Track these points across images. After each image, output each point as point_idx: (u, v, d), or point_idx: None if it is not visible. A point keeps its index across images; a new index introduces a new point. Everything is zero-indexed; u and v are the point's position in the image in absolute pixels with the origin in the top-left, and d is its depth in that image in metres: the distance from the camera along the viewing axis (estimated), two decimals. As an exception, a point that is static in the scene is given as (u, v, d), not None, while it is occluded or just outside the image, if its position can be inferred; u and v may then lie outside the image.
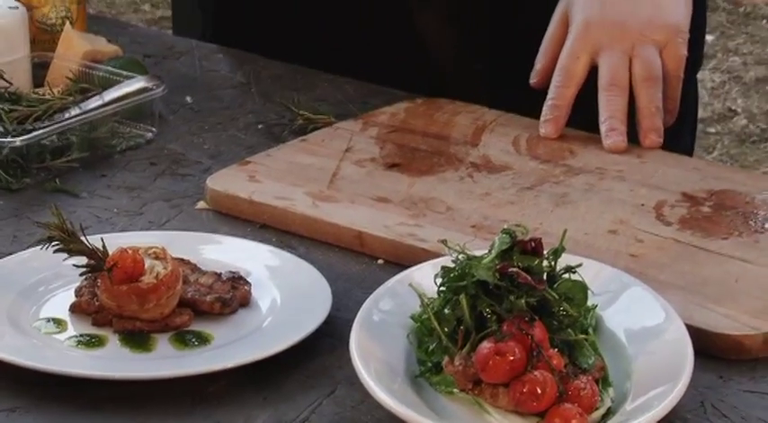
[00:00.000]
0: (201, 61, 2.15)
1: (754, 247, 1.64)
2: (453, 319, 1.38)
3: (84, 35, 2.01)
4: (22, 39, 1.96)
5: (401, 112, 1.94)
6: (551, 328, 1.35)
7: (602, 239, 1.66)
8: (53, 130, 1.84)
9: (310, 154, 1.84)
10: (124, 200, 1.78)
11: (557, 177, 1.80)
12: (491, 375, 1.30)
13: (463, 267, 1.39)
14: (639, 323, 1.44)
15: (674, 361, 1.36)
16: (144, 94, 1.91)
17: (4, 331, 1.47)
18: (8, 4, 1.96)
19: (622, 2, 1.89)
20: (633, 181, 1.79)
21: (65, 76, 1.94)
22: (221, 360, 1.43)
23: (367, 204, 1.73)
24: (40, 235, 1.56)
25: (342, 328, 1.44)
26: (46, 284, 1.57)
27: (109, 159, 1.87)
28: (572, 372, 1.32)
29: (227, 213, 1.75)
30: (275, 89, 2.04)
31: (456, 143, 1.88)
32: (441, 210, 1.72)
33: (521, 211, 1.72)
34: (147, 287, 1.47)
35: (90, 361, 1.46)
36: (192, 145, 1.91)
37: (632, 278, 1.50)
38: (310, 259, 1.61)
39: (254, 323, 1.51)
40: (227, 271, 1.57)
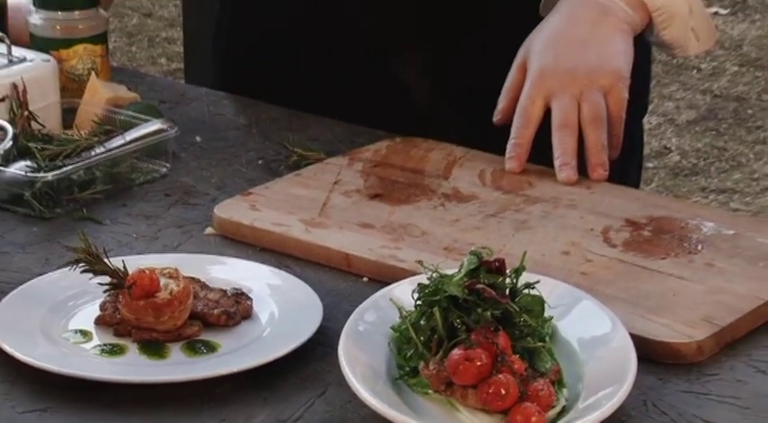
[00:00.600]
0: (209, 106, 2.15)
1: (688, 266, 1.64)
2: (428, 329, 1.38)
3: (108, 84, 2.00)
4: (54, 87, 1.96)
5: (383, 150, 1.94)
6: (513, 336, 1.36)
7: (556, 260, 1.66)
8: (80, 166, 1.83)
9: (303, 186, 1.84)
10: (142, 226, 1.78)
11: (517, 206, 1.80)
12: (461, 378, 1.30)
13: (436, 284, 1.39)
14: (589, 332, 1.44)
15: (619, 365, 1.37)
16: (159, 134, 1.91)
17: (38, 341, 1.47)
18: (41, 57, 1.95)
19: (572, 53, 1.89)
20: (583, 209, 1.79)
21: (90, 119, 1.93)
22: (226, 366, 1.43)
23: (353, 230, 1.73)
24: (68, 258, 1.55)
25: (332, 337, 1.44)
26: (74, 300, 1.56)
27: (129, 191, 1.87)
28: (531, 375, 1.32)
29: (231, 238, 1.75)
30: (273, 130, 2.04)
31: (430, 176, 1.88)
32: (417, 234, 1.72)
33: (486, 235, 1.72)
34: (162, 302, 1.47)
35: (112, 367, 1.46)
36: (201, 178, 1.91)
37: (583, 293, 1.50)
38: (304, 277, 1.61)
39: (255, 333, 1.51)
40: (231, 288, 1.56)
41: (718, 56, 6.21)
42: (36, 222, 1.78)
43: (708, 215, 1.80)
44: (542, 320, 1.41)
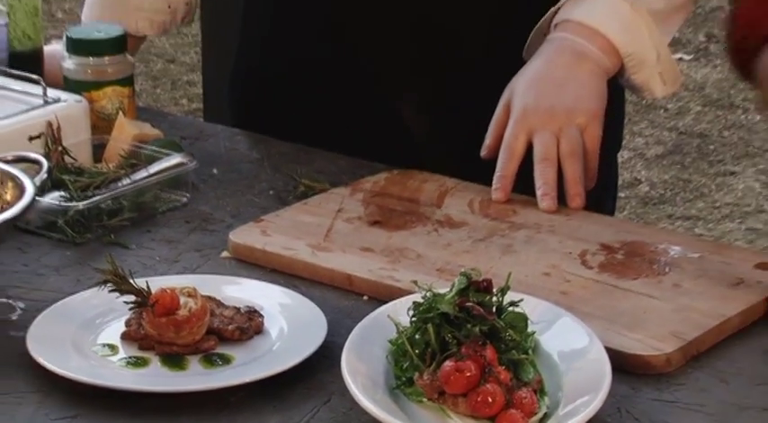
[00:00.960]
0: (225, 142, 2.15)
1: (657, 286, 1.64)
2: (422, 343, 1.38)
3: (134, 122, 2.00)
4: (85, 125, 1.96)
5: (381, 181, 1.94)
6: (499, 349, 1.35)
7: (538, 280, 1.65)
8: (108, 196, 1.83)
9: (310, 214, 1.84)
10: (164, 250, 1.78)
11: (503, 231, 1.80)
12: (453, 387, 1.31)
13: (430, 302, 1.40)
14: (568, 346, 1.44)
15: (595, 376, 1.36)
16: (180, 167, 1.91)
17: (70, 355, 1.46)
18: (74, 98, 1.95)
19: (551, 93, 1.88)
20: (562, 234, 1.79)
21: (118, 153, 1.93)
22: (240, 377, 1.42)
23: (355, 253, 1.72)
24: (98, 279, 1.54)
25: (335, 350, 1.42)
26: (102, 317, 1.55)
27: (152, 219, 1.87)
28: (516, 384, 1.32)
29: (245, 261, 1.74)
30: (283, 163, 2.04)
31: (424, 205, 1.88)
32: (412, 257, 1.71)
33: (475, 258, 1.71)
34: (181, 319, 1.47)
35: (136, 378, 1.45)
36: (217, 207, 1.90)
37: (562, 310, 1.50)
38: (310, 296, 1.60)
39: (266, 347, 1.50)
40: (244, 306, 1.55)
41: (682, 97, 6.23)
42: (68, 247, 1.77)
43: (675, 240, 1.82)
44: (526, 335, 1.41)
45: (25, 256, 1.73)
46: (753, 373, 1.48)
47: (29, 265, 1.72)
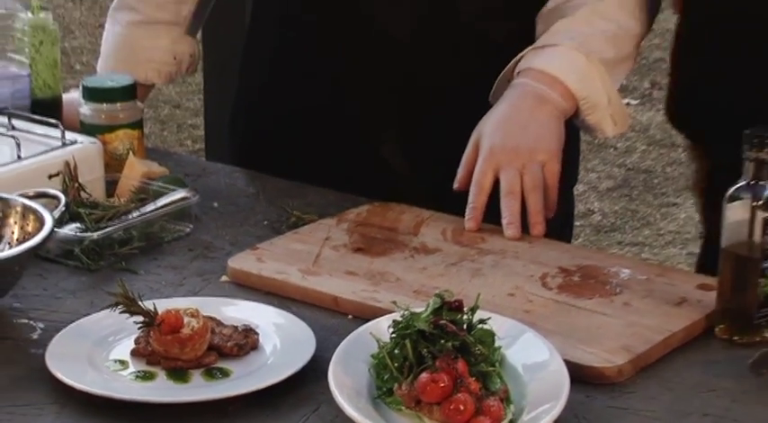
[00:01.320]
0: (225, 178, 2.15)
1: (610, 305, 1.64)
2: (401, 357, 1.38)
3: (143, 161, 2.00)
4: (99, 164, 1.96)
5: (364, 213, 1.94)
6: (470, 362, 1.35)
7: (504, 300, 1.65)
8: (120, 227, 1.83)
9: (301, 242, 1.84)
10: (170, 275, 1.77)
11: (473, 257, 1.80)
12: (428, 397, 1.31)
13: (408, 320, 1.40)
14: (531, 359, 1.44)
15: (555, 385, 1.37)
16: (184, 201, 1.91)
17: (85, 370, 1.46)
18: (89, 140, 1.96)
19: (516, 134, 1.88)
20: (525, 259, 1.79)
21: (129, 189, 1.93)
22: (237, 388, 1.42)
23: (340, 277, 1.72)
24: (110, 301, 1.54)
25: (323, 364, 1.42)
26: (114, 336, 1.55)
27: (159, 247, 1.86)
28: (485, 394, 1.33)
29: (242, 284, 1.74)
30: (276, 197, 2.04)
31: (402, 234, 1.87)
32: (392, 280, 1.71)
33: (448, 280, 1.70)
34: (185, 337, 1.46)
35: (145, 390, 1.45)
36: (217, 236, 1.90)
37: (526, 327, 1.50)
38: (301, 316, 1.60)
39: (261, 361, 1.50)
40: (242, 325, 1.55)
41: (630, 137, 6.29)
42: (84, 273, 1.76)
43: (624, 264, 1.80)
44: (493, 349, 1.41)
45: (45, 282, 1.72)
46: (694, 383, 1.48)
47: (48, 289, 1.71)
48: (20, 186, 1.78)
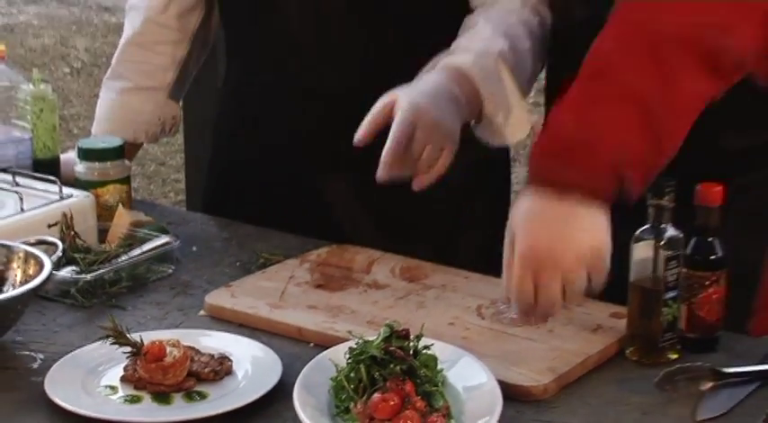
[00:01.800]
0: (202, 226, 2.16)
1: (536, 331, 1.64)
2: (356, 379, 1.38)
3: (131, 211, 1.99)
4: (92, 215, 1.96)
5: (324, 254, 1.93)
6: (416, 384, 1.37)
7: (445, 329, 1.64)
8: (110, 269, 1.81)
9: (268, 280, 1.83)
10: (154, 311, 1.76)
11: (417, 291, 1.79)
12: (380, 414, 1.32)
13: (362, 347, 1.41)
14: (469, 380, 1.44)
15: (490, 402, 1.38)
16: (166, 246, 1.90)
17: (79, 394, 1.45)
18: (83, 194, 1.95)
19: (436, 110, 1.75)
20: (463, 292, 1.79)
21: (118, 236, 1.92)
22: (214, 409, 1.42)
23: (303, 310, 1.71)
24: (101, 334, 1.53)
25: (289, 387, 1.42)
26: (104, 364, 1.54)
27: (145, 286, 1.84)
28: (429, 411, 1.34)
29: (217, 318, 1.72)
30: (247, 242, 2.04)
31: (357, 272, 1.87)
32: (348, 312, 1.71)
33: (396, 312, 1.70)
34: (168, 364, 1.46)
35: (133, 412, 1.44)
36: (196, 276, 1.89)
37: (464, 352, 1.50)
38: (269, 344, 1.59)
39: (234, 385, 1.50)
40: (217, 353, 1.55)
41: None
42: (78, 309, 1.74)
43: None
44: (436, 372, 1.41)
45: (44, 318, 1.71)
46: (609, 398, 1.49)
47: (46, 324, 1.69)
48: (22, 235, 1.78)
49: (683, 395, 1.47)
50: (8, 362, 1.57)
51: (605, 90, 1.40)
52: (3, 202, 1.92)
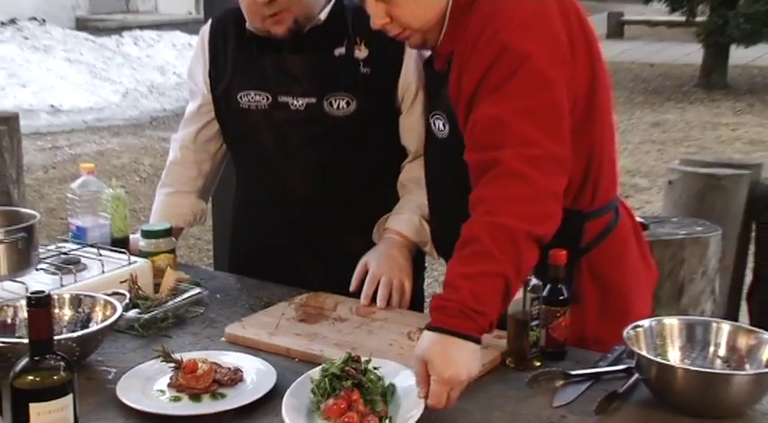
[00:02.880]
0: (223, 280, 2.12)
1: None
2: (324, 388, 1.39)
3: (175, 272, 1.98)
4: (149, 275, 1.94)
5: (304, 298, 1.91)
6: (363, 393, 1.37)
7: (387, 348, 1.64)
8: (161, 311, 1.81)
9: (267, 316, 1.81)
10: (190, 338, 1.75)
11: (367, 323, 1.77)
12: (330, 414, 1.34)
13: (329, 368, 1.41)
14: (404, 383, 1.43)
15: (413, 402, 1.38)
16: (199, 294, 1.90)
17: (139, 396, 1.45)
18: (144, 261, 1.95)
19: (386, 264, 1.91)
20: (398, 323, 1.77)
21: (167, 288, 1.91)
22: (230, 404, 1.43)
23: (291, 336, 1.70)
24: (155, 355, 1.55)
25: (281, 391, 1.43)
26: (157, 375, 1.53)
27: (184, 322, 1.82)
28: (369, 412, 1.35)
29: (233, 342, 1.71)
30: (253, 290, 2.02)
31: (327, 310, 1.85)
32: (321, 337, 1.69)
33: (354, 337, 1.69)
34: (199, 375, 1.47)
35: (176, 407, 1.44)
36: (219, 314, 1.87)
37: (400, 366, 1.49)
38: (268, 360, 1.58)
39: (244, 388, 1.49)
40: (233, 367, 1.54)
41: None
42: (140, 338, 1.73)
43: None
44: (379, 385, 1.40)
45: (116, 344, 1.70)
46: (496, 392, 1.50)
47: (118, 348, 1.68)
48: (103, 288, 1.77)
49: (544, 390, 1.49)
50: (92, 374, 1.56)
51: (486, 269, 1.40)
52: (90, 267, 1.91)
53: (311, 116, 1.93)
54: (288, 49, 1.94)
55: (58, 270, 1.85)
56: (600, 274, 1.76)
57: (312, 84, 1.93)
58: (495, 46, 1.52)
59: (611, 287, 1.77)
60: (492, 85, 1.52)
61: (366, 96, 1.93)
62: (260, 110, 1.97)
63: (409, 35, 1.67)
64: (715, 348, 1.52)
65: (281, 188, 2.04)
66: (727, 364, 1.50)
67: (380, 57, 1.93)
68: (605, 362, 1.58)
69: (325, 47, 1.93)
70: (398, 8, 1.62)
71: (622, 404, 1.44)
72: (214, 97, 2.06)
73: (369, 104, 1.93)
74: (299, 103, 1.93)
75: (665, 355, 1.52)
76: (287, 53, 1.95)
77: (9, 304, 1.63)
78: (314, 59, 1.94)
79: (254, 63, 1.98)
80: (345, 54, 1.93)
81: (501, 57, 1.51)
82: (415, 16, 1.63)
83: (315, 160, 1.98)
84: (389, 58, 1.93)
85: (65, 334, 1.55)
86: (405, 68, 1.95)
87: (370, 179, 2.03)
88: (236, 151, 2.15)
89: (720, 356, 1.51)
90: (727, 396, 1.39)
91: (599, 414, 1.41)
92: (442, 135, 1.75)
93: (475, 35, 1.55)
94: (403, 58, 1.94)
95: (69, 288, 1.76)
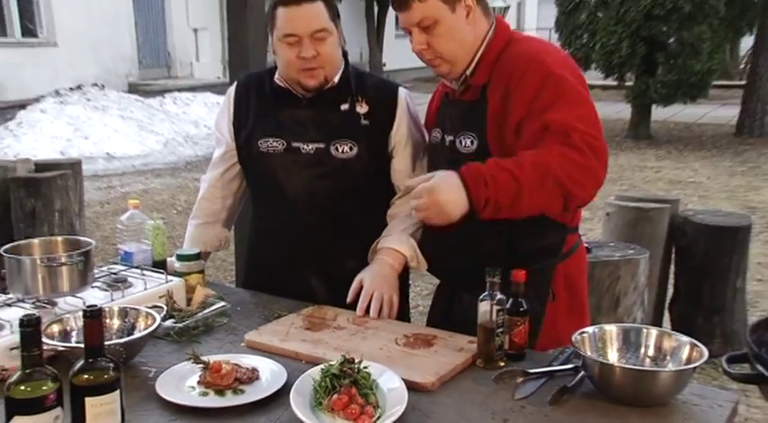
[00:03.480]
0: (243, 296, 2.09)
1: (428, 351, 1.61)
2: (324, 386, 1.37)
3: (204, 288, 1.95)
4: (183, 291, 1.92)
5: (310, 311, 1.89)
6: (359, 389, 1.36)
7: (377, 352, 1.61)
8: (192, 321, 1.78)
9: (280, 325, 1.78)
10: (216, 344, 1.72)
11: (362, 331, 1.75)
12: (336, 406, 1.32)
13: (328, 368, 1.40)
14: (388, 384, 1.41)
15: (401, 396, 1.37)
16: (223, 308, 1.87)
17: (174, 391, 1.43)
18: (178, 279, 1.92)
19: (379, 281, 1.88)
20: (387, 331, 1.74)
21: (197, 302, 1.88)
22: (249, 399, 1.40)
23: (299, 342, 1.67)
24: (187, 357, 1.52)
25: (290, 387, 1.40)
26: (189, 374, 1.50)
27: (211, 330, 1.80)
28: (366, 403, 1.33)
29: (252, 347, 1.68)
30: (267, 304, 1.98)
31: (328, 320, 1.82)
32: (324, 343, 1.67)
33: (350, 342, 1.67)
34: (223, 374, 1.45)
35: (204, 401, 1.41)
36: (240, 324, 1.84)
37: (386, 367, 1.47)
38: (279, 362, 1.56)
39: (260, 385, 1.47)
40: (251, 367, 1.52)
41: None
42: (175, 343, 1.71)
43: (434, 333, 1.73)
44: (370, 381, 1.39)
45: (155, 348, 1.67)
46: (467, 388, 1.48)
47: (157, 352, 1.66)
48: (145, 302, 1.75)
49: (507, 385, 1.48)
50: (135, 373, 1.54)
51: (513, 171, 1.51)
52: (135, 284, 1.88)
53: (319, 158, 1.94)
54: (302, 104, 1.97)
55: (109, 287, 1.84)
56: (569, 279, 1.81)
57: (321, 132, 1.95)
58: (541, 73, 1.59)
59: (576, 291, 1.83)
60: (543, 104, 1.58)
61: (365, 142, 1.94)
62: (276, 153, 1.97)
63: (439, 64, 1.73)
64: (645, 350, 1.53)
65: (291, 218, 2.02)
66: (654, 362, 1.51)
67: (377, 112, 1.95)
68: (557, 362, 1.57)
69: (334, 103, 1.96)
70: (437, 40, 1.67)
71: (571, 396, 1.44)
72: (237, 144, 2.07)
73: (367, 149, 1.95)
74: (309, 147, 1.94)
75: (605, 356, 1.52)
76: (301, 108, 1.97)
77: (69, 315, 1.62)
78: (324, 113, 1.96)
79: (273, 115, 1.99)
80: (349, 109, 1.95)
81: (547, 81, 1.59)
82: (449, 49, 1.68)
83: (320, 194, 1.98)
84: (384, 113, 1.97)
85: (113, 340, 1.54)
86: (397, 122, 1.97)
87: (366, 211, 2.02)
88: (255, 187, 2.14)
89: (649, 356, 1.52)
90: (655, 388, 1.40)
91: (552, 405, 1.40)
92: (467, 150, 1.73)
93: (522, 68, 1.62)
94: (395, 114, 1.97)
95: (117, 302, 1.75)
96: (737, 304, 3.80)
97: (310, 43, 1.83)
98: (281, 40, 1.86)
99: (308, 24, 1.81)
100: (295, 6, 1.81)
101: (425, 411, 1.37)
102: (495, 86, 1.67)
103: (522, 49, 1.67)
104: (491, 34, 1.72)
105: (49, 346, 1.42)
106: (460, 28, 1.68)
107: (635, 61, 9.61)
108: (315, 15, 1.82)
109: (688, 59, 9.37)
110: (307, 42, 1.82)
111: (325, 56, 1.86)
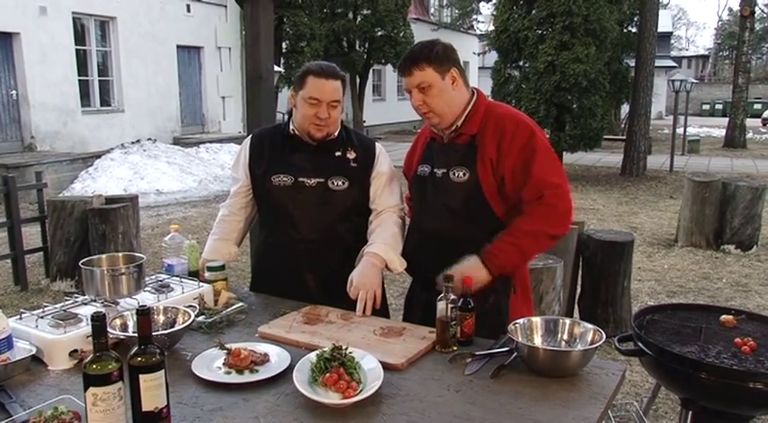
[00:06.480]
0: (256, 299, 2.03)
1: (398, 339, 1.59)
2: (319, 367, 1.35)
3: (227, 292, 1.91)
4: (211, 294, 1.88)
5: (307, 309, 1.85)
6: (346, 369, 1.33)
7: (359, 340, 1.59)
8: (218, 317, 1.75)
9: (284, 320, 1.75)
10: (236, 335, 1.68)
11: (348, 325, 1.72)
12: (329, 382, 1.29)
13: (322, 354, 1.37)
14: (369, 365, 1.39)
15: (378, 374, 1.35)
16: (242, 307, 1.84)
17: (206, 371, 1.40)
18: (208, 285, 1.88)
19: (366, 279, 1.83)
20: (368, 324, 1.72)
21: (223, 303, 1.84)
22: (263, 376, 1.38)
23: (299, 333, 1.65)
24: (215, 345, 1.50)
25: (292, 368, 1.37)
26: (216, 358, 1.48)
27: (233, 324, 1.76)
28: (351, 380, 1.30)
29: (264, 337, 1.65)
30: (275, 305, 1.94)
31: (322, 316, 1.79)
32: (319, 334, 1.64)
33: (339, 333, 1.64)
34: (242, 357, 1.42)
35: (227, 377, 1.39)
36: (254, 320, 1.80)
37: (366, 352, 1.44)
38: (285, 349, 1.53)
39: (270, 366, 1.44)
40: (263, 352, 1.49)
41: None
42: (205, 334, 1.67)
43: (404, 326, 1.70)
44: (354, 363, 1.36)
45: (191, 338, 1.63)
46: (429, 367, 1.47)
47: (192, 340, 1.61)
48: (183, 303, 1.72)
49: (459, 364, 1.47)
50: (176, 357, 1.51)
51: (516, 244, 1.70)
52: (176, 289, 1.84)
53: (319, 190, 1.93)
54: (308, 150, 1.98)
55: (156, 291, 1.81)
56: (522, 277, 1.86)
57: (321, 171, 1.96)
58: (528, 133, 1.72)
59: (526, 285, 1.89)
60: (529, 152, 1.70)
61: (354, 179, 1.96)
62: (285, 186, 1.96)
63: (431, 116, 1.78)
64: (561, 335, 1.55)
65: (294, 235, 1.99)
66: (568, 344, 1.53)
67: (362, 158, 1.99)
68: (496, 346, 1.56)
69: (331, 150, 1.99)
70: (431, 99, 1.74)
71: (507, 372, 1.44)
72: (252, 180, 2.05)
73: (356, 183, 1.96)
74: (312, 181, 1.95)
75: (532, 341, 1.54)
76: (307, 152, 1.98)
77: (127, 312, 1.61)
78: (323, 157, 1.98)
79: (284, 157, 2.00)
80: (342, 155, 1.98)
81: (532, 138, 1.71)
82: (439, 106, 1.75)
83: (319, 218, 1.96)
84: (367, 159, 2.01)
85: (159, 331, 1.52)
86: (376, 165, 2.02)
87: (354, 229, 2.01)
88: (267, 212, 2.09)
89: (564, 340, 1.55)
90: (569, 363, 1.42)
91: (493, 378, 1.40)
92: (460, 180, 1.78)
93: (512, 128, 1.73)
94: (374, 161, 2.02)
95: (162, 302, 1.72)
96: (625, 298, 3.93)
97: (326, 108, 1.88)
98: (305, 100, 1.88)
99: (330, 95, 1.87)
100: (324, 79, 1.86)
101: (397, 385, 1.36)
102: (485, 136, 1.75)
103: (504, 112, 1.78)
104: (475, 98, 1.81)
105: (112, 336, 1.43)
106: (448, 91, 1.74)
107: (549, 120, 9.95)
108: (335, 89, 1.87)
109: (587, 120, 9.85)
110: (324, 107, 1.87)
111: (333, 119, 1.91)
